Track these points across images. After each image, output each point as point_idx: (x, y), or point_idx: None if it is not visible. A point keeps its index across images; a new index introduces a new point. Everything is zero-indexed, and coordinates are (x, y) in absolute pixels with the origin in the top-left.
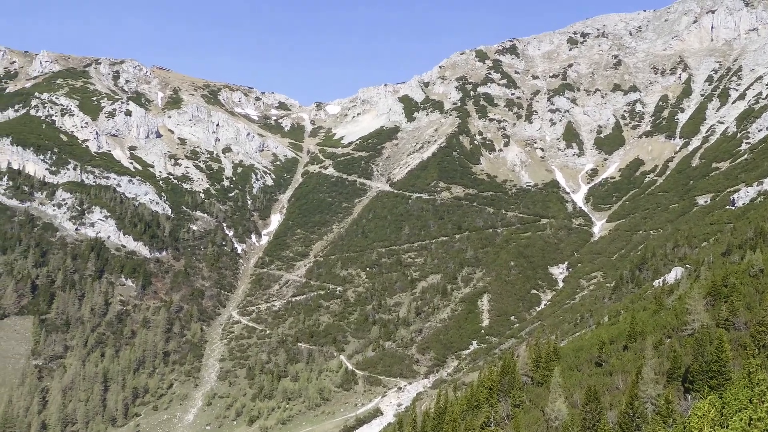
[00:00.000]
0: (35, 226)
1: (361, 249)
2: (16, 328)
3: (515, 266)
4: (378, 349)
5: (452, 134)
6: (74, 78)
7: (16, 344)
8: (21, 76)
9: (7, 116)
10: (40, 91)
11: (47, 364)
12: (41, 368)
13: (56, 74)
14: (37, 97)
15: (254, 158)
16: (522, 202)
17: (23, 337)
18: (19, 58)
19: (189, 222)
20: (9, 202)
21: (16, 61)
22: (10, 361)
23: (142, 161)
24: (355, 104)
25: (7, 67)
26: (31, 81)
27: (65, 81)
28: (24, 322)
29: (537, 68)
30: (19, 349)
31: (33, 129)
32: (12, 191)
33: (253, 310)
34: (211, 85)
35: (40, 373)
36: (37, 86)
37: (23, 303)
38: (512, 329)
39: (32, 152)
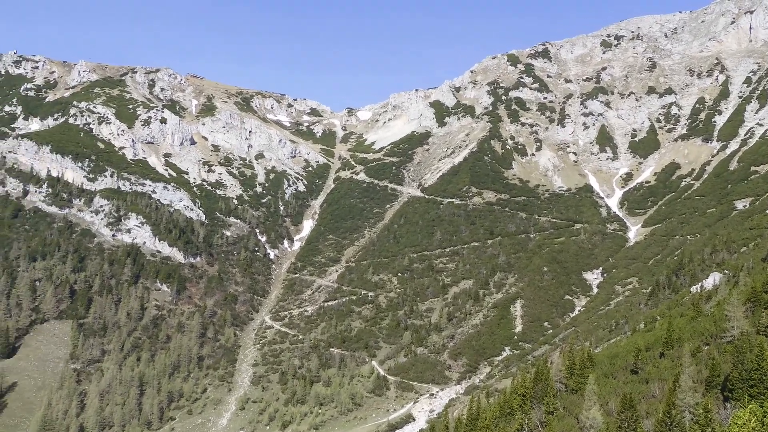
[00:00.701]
0: (74, 232)
1: (393, 254)
2: (55, 332)
3: (548, 272)
4: (410, 354)
5: (484, 139)
6: (111, 87)
7: (56, 348)
8: (60, 86)
9: (47, 125)
10: (78, 100)
11: (85, 368)
12: (79, 372)
13: (94, 83)
14: (75, 105)
15: (286, 164)
16: (555, 207)
17: (62, 341)
18: (59, 68)
19: (222, 228)
20: (48, 209)
21: (56, 71)
22: (49, 365)
23: (176, 168)
24: (386, 110)
25: (46, 77)
26: (70, 90)
27: (102, 90)
28: (63, 327)
29: (570, 72)
30: (58, 352)
31: (71, 137)
32: (51, 198)
33: (286, 315)
34: (244, 92)
35: (79, 377)
36: (76, 95)
37: (62, 308)
38: (545, 335)
39: (71, 160)
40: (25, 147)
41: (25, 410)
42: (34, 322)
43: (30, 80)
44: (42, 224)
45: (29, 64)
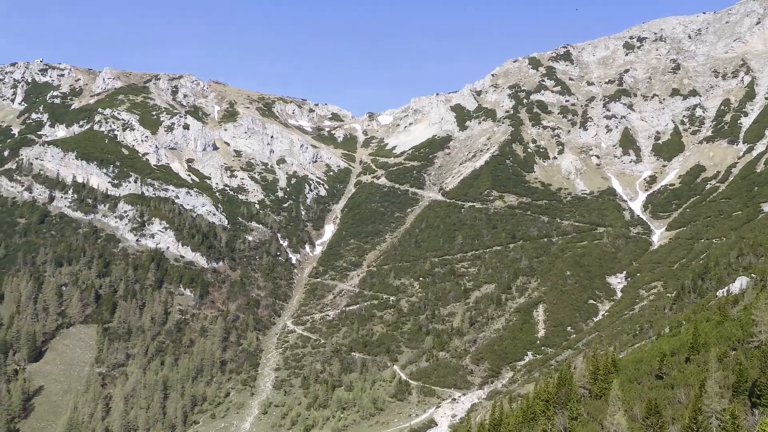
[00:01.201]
0: (98, 237)
1: (414, 259)
2: (81, 336)
3: (571, 276)
4: (432, 359)
5: (505, 142)
6: (135, 94)
7: (81, 352)
8: (85, 93)
9: (73, 131)
10: (103, 107)
11: (110, 372)
12: (104, 376)
13: (118, 90)
14: (100, 112)
15: (308, 169)
16: (577, 211)
17: (87, 345)
18: (84, 76)
19: (245, 232)
20: (74, 214)
21: (81, 79)
22: (75, 369)
23: (199, 173)
24: (407, 114)
25: (72, 85)
26: (95, 97)
27: (126, 97)
28: (88, 331)
29: (592, 74)
30: (83, 356)
31: (96, 143)
32: (77, 204)
33: (308, 319)
34: (266, 97)
35: (104, 381)
36: (100, 102)
37: (87, 312)
38: (569, 340)
39: (96, 166)
40: (51, 153)
41: (52, 413)
42: (61, 327)
43: (56, 88)
44: (68, 230)
45: (55, 72)
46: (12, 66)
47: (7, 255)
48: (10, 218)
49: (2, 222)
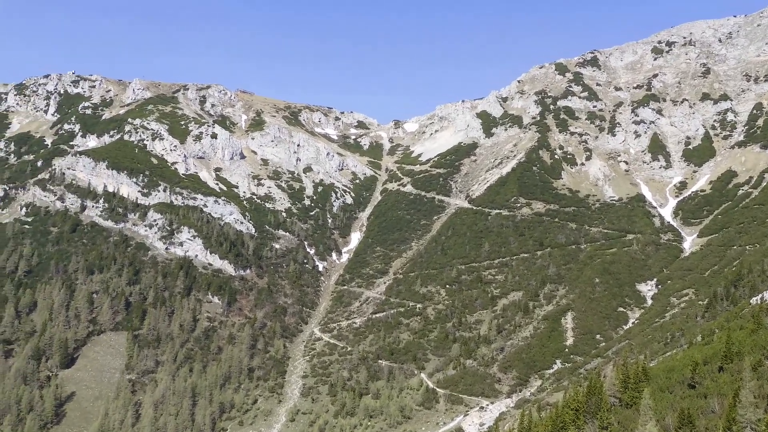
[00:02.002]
0: (129, 245)
1: (441, 266)
2: (111, 343)
3: (600, 283)
4: (459, 367)
5: (532, 149)
6: (164, 104)
7: (112, 359)
8: (116, 104)
9: (103, 141)
10: (133, 117)
11: (140, 379)
12: (134, 382)
13: (147, 101)
14: (130, 122)
15: (334, 177)
16: (606, 217)
17: (118, 352)
18: (114, 87)
19: (272, 240)
20: (105, 223)
21: (111, 90)
22: (106, 375)
23: (226, 182)
24: (433, 121)
25: (103, 96)
26: (125, 108)
27: (156, 107)
28: (118, 338)
29: (620, 79)
30: (114, 363)
31: (126, 153)
32: (108, 213)
33: (335, 327)
34: (292, 106)
35: (134, 387)
36: (130, 112)
37: (118, 319)
38: (598, 348)
39: (126, 175)
40: (82, 163)
41: (84, 419)
42: (92, 334)
43: (87, 99)
44: (99, 238)
45: (86, 84)
46: (45, 78)
47: (40, 263)
48: (43, 227)
49: (36, 231)
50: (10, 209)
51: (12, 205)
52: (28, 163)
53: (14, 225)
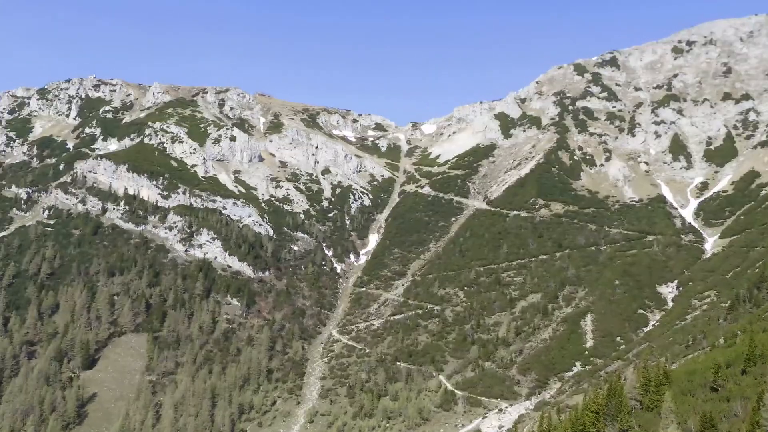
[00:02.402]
0: (149, 248)
1: (459, 268)
2: (132, 344)
3: (620, 285)
4: (477, 369)
5: (550, 150)
6: (183, 107)
7: (132, 360)
8: (136, 107)
9: (124, 145)
10: (153, 121)
11: (160, 380)
12: (155, 383)
13: (167, 104)
14: (150, 126)
15: (352, 179)
16: (626, 219)
17: (138, 354)
18: (134, 91)
19: (290, 242)
20: (126, 225)
21: (132, 94)
22: (126, 376)
23: (245, 184)
24: (451, 123)
25: (123, 100)
26: (145, 111)
27: (175, 110)
28: (139, 339)
29: (639, 80)
30: (134, 364)
31: (146, 156)
32: (128, 215)
33: (353, 328)
34: (310, 109)
35: (154, 388)
36: (150, 116)
37: (138, 321)
38: (618, 351)
39: (146, 178)
40: (103, 167)
41: (105, 420)
42: (113, 335)
43: (108, 103)
44: (119, 240)
45: (107, 88)
46: (67, 83)
47: (62, 265)
48: (65, 230)
49: (58, 233)
50: (32, 212)
51: (35, 207)
52: (50, 166)
53: (37, 228)
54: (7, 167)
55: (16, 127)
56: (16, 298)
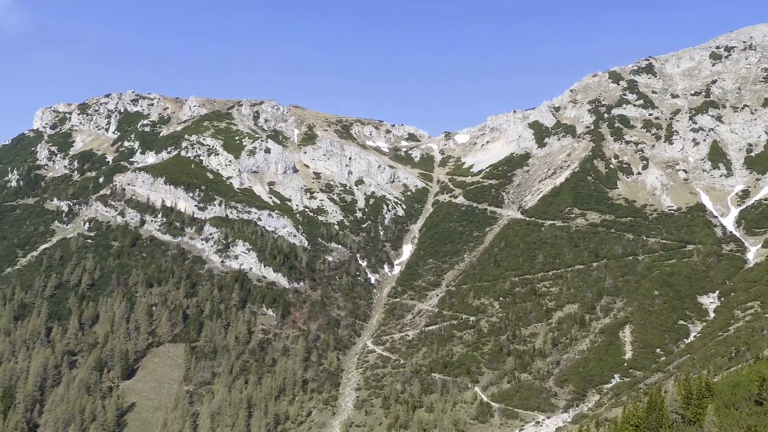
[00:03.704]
0: (186, 259)
1: (494, 278)
2: (170, 354)
3: (659, 295)
4: (513, 380)
5: (586, 158)
6: (219, 120)
7: (170, 370)
8: (173, 121)
9: (161, 158)
10: (189, 134)
11: (197, 390)
12: (192, 393)
13: (203, 117)
14: (186, 139)
15: (385, 189)
16: (664, 228)
17: (176, 364)
18: (171, 105)
19: (324, 253)
20: (163, 237)
21: (169, 107)
22: (164, 386)
23: (280, 195)
24: (484, 132)
25: (161, 113)
26: (182, 125)
27: (211, 123)
28: (176, 350)
29: (676, 86)
30: (172, 374)
31: (183, 169)
32: (166, 227)
33: (387, 339)
34: (344, 120)
35: (191, 398)
36: (187, 129)
37: (176, 331)
38: (658, 362)
39: (183, 190)
40: (142, 179)
41: (143, 429)
42: (151, 345)
43: (146, 116)
44: (157, 252)
45: (145, 102)
46: (106, 97)
47: (102, 276)
48: (105, 241)
49: (98, 245)
50: (74, 224)
51: (76, 220)
52: (90, 179)
53: (78, 240)
54: (49, 181)
55: (58, 142)
56: (57, 309)
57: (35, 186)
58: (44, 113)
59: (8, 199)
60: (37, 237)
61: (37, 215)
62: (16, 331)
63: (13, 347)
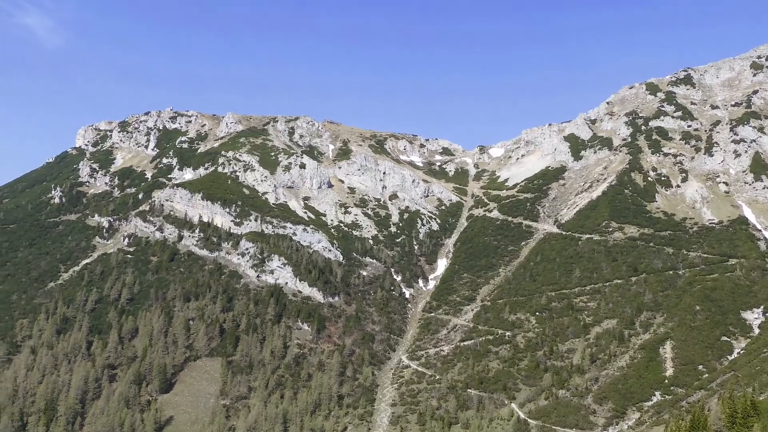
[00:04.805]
0: (222, 273)
1: (530, 293)
2: (207, 369)
3: (701, 311)
4: (551, 397)
5: (623, 171)
6: (255, 136)
7: (207, 384)
8: (210, 138)
9: (199, 174)
10: (226, 150)
11: (233, 404)
12: (228, 407)
13: (239, 134)
14: (223, 155)
15: (419, 204)
16: (705, 241)
17: (213, 378)
18: (209, 121)
19: (359, 268)
20: (200, 252)
21: (206, 124)
22: (201, 400)
23: (315, 210)
24: (519, 146)
25: (198, 130)
26: (218, 141)
27: (247, 139)
28: (213, 364)
29: (716, 97)
30: (209, 388)
31: (220, 184)
32: (203, 242)
33: (422, 354)
34: (378, 135)
35: (228, 412)
36: (223, 145)
37: (212, 345)
38: (700, 380)
39: (219, 206)
40: (179, 195)
41: None
42: (188, 359)
43: (184, 133)
44: (195, 267)
45: (183, 119)
46: (145, 115)
47: (141, 291)
48: (144, 256)
49: (137, 260)
50: (114, 240)
51: (116, 236)
52: (130, 195)
53: (118, 255)
54: (91, 197)
55: (99, 159)
56: (98, 323)
57: (77, 202)
58: (86, 131)
59: (51, 216)
60: (78, 252)
61: (78, 231)
62: (58, 344)
63: (55, 360)
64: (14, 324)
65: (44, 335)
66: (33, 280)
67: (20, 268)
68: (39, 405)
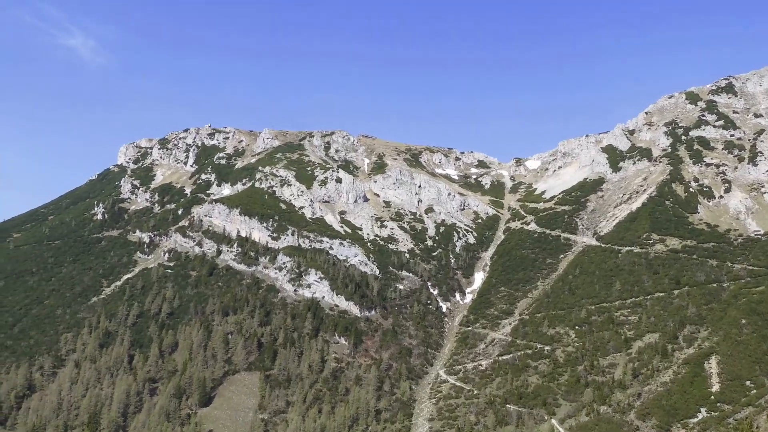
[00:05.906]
0: (260, 288)
1: (569, 306)
2: (245, 382)
3: (747, 324)
4: (592, 413)
5: (663, 182)
6: (291, 151)
7: (246, 398)
8: (247, 153)
9: (237, 189)
10: (263, 165)
11: (272, 419)
12: (266, 422)
13: (276, 149)
14: (260, 170)
15: (456, 217)
16: (751, 253)
17: (251, 392)
18: (246, 137)
19: (395, 281)
20: (238, 266)
21: (243, 140)
22: (240, 414)
23: (351, 224)
24: (556, 157)
25: (236, 146)
26: (255, 157)
27: (283, 155)
28: (251, 378)
29: (759, 105)
30: (247, 402)
31: (257, 200)
32: (241, 257)
33: (460, 369)
34: (413, 148)
35: (266, 427)
36: (260, 161)
37: (251, 359)
38: (748, 396)
39: (257, 221)
40: (218, 211)
41: None
42: (227, 373)
43: (222, 150)
44: (233, 281)
45: (221, 135)
46: (185, 132)
47: (181, 305)
48: (184, 271)
49: (177, 275)
50: (154, 255)
51: (156, 251)
52: (170, 211)
53: (158, 270)
54: (132, 213)
55: (140, 176)
56: (139, 337)
57: (119, 218)
58: (128, 149)
59: (94, 232)
60: (120, 267)
61: (120, 246)
62: (101, 358)
63: (98, 374)
64: (59, 338)
65: (87, 349)
66: (77, 294)
67: (64, 284)
68: (82, 418)
